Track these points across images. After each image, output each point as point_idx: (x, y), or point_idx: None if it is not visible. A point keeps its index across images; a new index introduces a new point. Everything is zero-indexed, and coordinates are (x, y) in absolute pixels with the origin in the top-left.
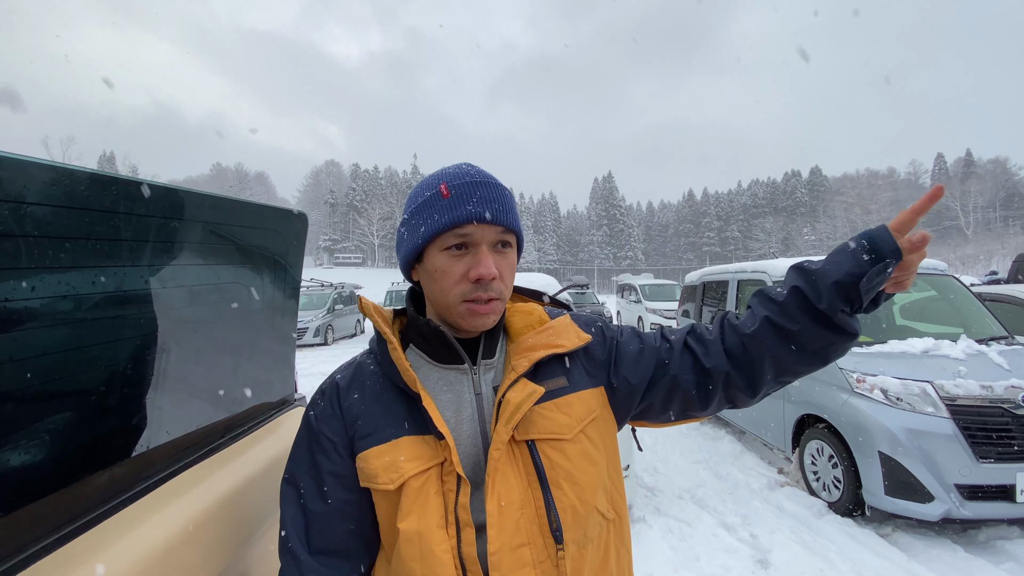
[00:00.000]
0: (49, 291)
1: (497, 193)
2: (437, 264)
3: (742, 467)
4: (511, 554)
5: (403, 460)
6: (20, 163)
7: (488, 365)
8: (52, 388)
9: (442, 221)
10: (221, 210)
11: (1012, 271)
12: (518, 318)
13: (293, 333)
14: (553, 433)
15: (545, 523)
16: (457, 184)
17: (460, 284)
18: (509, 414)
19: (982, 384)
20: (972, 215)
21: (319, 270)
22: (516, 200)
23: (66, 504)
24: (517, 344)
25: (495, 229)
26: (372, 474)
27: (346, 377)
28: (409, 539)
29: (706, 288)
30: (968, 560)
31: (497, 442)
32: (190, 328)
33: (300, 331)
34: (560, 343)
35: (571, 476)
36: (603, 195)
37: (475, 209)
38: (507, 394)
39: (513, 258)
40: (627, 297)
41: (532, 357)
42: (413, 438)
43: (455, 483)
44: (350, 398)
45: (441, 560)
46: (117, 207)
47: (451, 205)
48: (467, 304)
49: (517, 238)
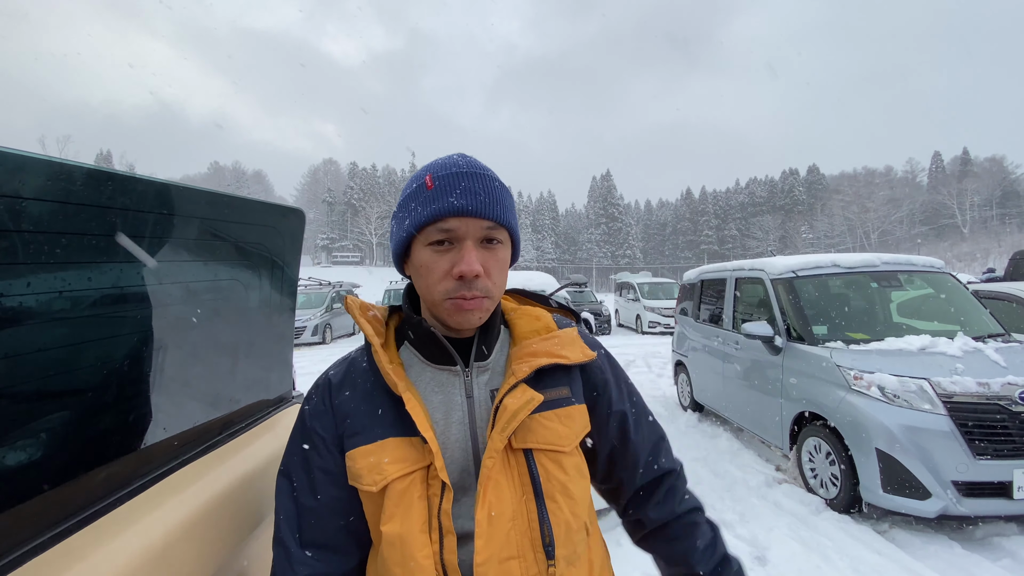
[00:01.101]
0: (43, 287)
1: (483, 184)
2: (422, 259)
3: (740, 464)
4: (498, 567)
5: (387, 462)
6: (11, 157)
7: (482, 367)
8: (47, 385)
9: (424, 214)
10: (217, 206)
11: (1009, 269)
12: (524, 321)
13: (290, 330)
14: (552, 444)
15: (537, 537)
16: (442, 175)
17: (444, 281)
18: (505, 421)
19: (979, 381)
20: (969, 213)
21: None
22: (512, 194)
23: (62, 501)
24: (520, 348)
25: (481, 223)
26: (357, 474)
27: (339, 374)
28: (391, 543)
29: (704, 286)
30: (965, 556)
31: (491, 450)
32: (186, 325)
33: (298, 330)
34: (564, 354)
35: (566, 489)
36: (601, 193)
37: (457, 201)
38: (505, 399)
39: (503, 254)
40: (625, 295)
41: (534, 363)
42: (399, 440)
43: (439, 488)
44: (341, 395)
45: (422, 565)
46: (111, 203)
47: (433, 197)
48: (452, 301)
49: (510, 233)
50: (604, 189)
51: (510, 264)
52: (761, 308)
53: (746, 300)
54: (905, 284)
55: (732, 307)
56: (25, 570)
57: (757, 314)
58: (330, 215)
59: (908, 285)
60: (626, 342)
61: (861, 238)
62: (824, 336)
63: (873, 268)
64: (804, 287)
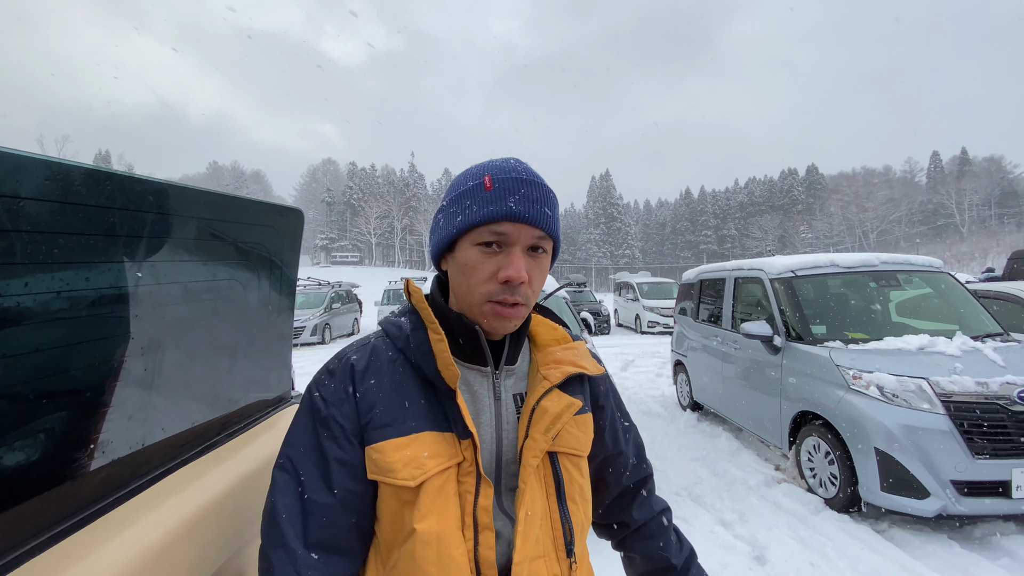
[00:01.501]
0: (40, 287)
1: (541, 193)
2: (468, 258)
3: (739, 464)
4: (529, 565)
5: (426, 456)
6: (8, 157)
7: (509, 371)
8: (45, 385)
9: (480, 213)
10: (215, 206)
11: (1007, 268)
12: (543, 330)
13: (289, 330)
14: (574, 448)
15: (560, 536)
16: (502, 178)
17: (488, 283)
18: (547, 423)
19: (977, 380)
20: (967, 213)
21: (316, 269)
22: (559, 205)
23: (60, 502)
24: (544, 355)
25: (533, 231)
26: (388, 467)
27: (362, 360)
28: (427, 541)
29: (703, 286)
30: (964, 556)
31: (535, 450)
32: (184, 325)
33: (298, 330)
34: (584, 364)
35: (583, 491)
36: (600, 193)
37: (516, 207)
38: (542, 402)
39: (546, 264)
40: (624, 295)
41: (565, 370)
42: (435, 434)
43: (474, 484)
44: (367, 383)
45: (459, 563)
46: (107, 202)
47: (492, 198)
48: (492, 304)
49: (554, 244)
50: (603, 189)
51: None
52: (760, 308)
53: (745, 300)
54: (904, 284)
55: (731, 307)
56: (23, 571)
57: (756, 314)
58: (329, 215)
59: (907, 285)
60: (625, 342)
61: (860, 238)
62: (823, 336)
63: (872, 268)
64: (803, 287)
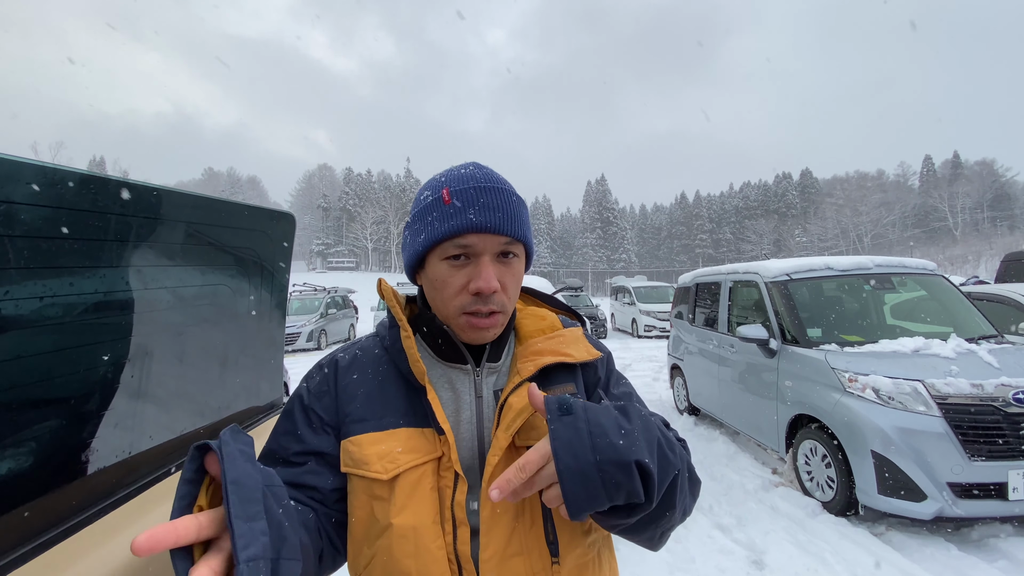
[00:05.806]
0: (25, 293)
1: (502, 199)
2: (438, 273)
3: (736, 468)
4: (504, 563)
5: (400, 451)
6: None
7: (492, 368)
8: (30, 393)
9: (441, 229)
10: (205, 210)
11: (1001, 270)
12: (529, 321)
13: (281, 336)
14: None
15: (541, 534)
16: (460, 189)
17: (460, 296)
18: (510, 419)
19: (973, 383)
20: (960, 216)
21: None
22: (527, 205)
23: (46, 511)
24: (525, 347)
25: (499, 239)
26: (363, 460)
27: (347, 357)
28: (403, 534)
29: (699, 290)
30: (961, 558)
31: (496, 448)
32: (172, 331)
33: (294, 336)
34: (568, 352)
35: None
36: (596, 198)
37: (477, 218)
38: (509, 398)
39: (519, 268)
40: (621, 299)
41: (539, 362)
42: (411, 430)
43: (452, 479)
44: (348, 378)
45: (436, 556)
46: (95, 207)
47: (452, 212)
48: (467, 317)
49: (526, 247)
50: (599, 193)
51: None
52: (756, 311)
53: (741, 303)
54: (898, 286)
55: (727, 310)
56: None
57: (752, 317)
58: (325, 220)
59: (901, 287)
60: (622, 346)
61: (854, 241)
62: (818, 339)
63: (866, 271)
64: (798, 290)
